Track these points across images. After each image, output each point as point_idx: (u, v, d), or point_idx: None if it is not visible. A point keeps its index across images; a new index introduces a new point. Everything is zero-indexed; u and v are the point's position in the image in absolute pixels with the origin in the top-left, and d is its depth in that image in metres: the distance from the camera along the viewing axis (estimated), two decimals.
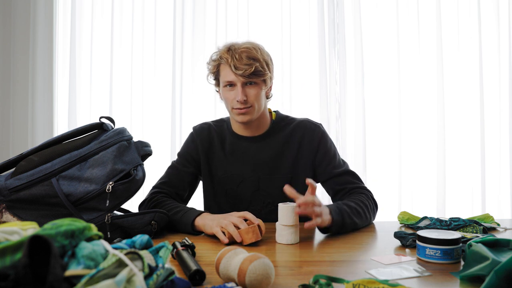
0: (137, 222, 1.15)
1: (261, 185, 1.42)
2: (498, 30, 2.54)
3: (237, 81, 1.32)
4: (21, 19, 2.51)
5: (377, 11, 2.55)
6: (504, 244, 0.91)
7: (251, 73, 1.30)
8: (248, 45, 1.34)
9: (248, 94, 1.32)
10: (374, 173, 2.53)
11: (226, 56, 1.32)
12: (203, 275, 0.82)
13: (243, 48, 1.32)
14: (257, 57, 1.32)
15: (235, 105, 1.33)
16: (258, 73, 1.32)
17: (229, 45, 1.36)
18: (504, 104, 2.53)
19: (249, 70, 1.29)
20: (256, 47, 1.36)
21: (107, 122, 1.22)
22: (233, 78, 1.32)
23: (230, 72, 1.32)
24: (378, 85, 2.55)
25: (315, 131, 1.44)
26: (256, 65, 1.30)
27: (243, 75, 1.30)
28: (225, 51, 1.34)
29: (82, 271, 0.57)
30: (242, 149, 1.43)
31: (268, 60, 1.38)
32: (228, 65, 1.31)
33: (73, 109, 2.54)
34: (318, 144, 1.42)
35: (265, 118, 1.44)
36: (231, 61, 1.30)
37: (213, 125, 1.49)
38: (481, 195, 2.51)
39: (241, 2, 2.56)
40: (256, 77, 1.32)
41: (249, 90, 1.33)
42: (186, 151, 1.48)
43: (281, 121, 1.46)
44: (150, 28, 2.57)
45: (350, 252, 1.07)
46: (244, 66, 1.29)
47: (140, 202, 1.41)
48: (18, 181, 1.07)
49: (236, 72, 1.30)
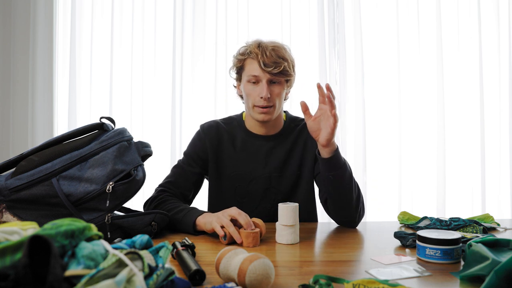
0: (137, 223, 1.15)
1: (272, 184, 1.42)
2: (498, 30, 2.54)
3: (263, 77, 1.32)
4: (21, 19, 2.51)
5: (377, 11, 2.56)
6: (504, 244, 0.91)
7: (279, 72, 1.31)
8: (277, 44, 1.36)
9: (272, 92, 1.34)
10: (374, 173, 2.53)
11: (256, 51, 1.32)
12: (203, 275, 0.82)
13: (272, 45, 1.34)
14: (285, 56, 1.34)
15: (258, 102, 1.34)
16: (285, 73, 1.33)
17: (259, 41, 1.37)
18: (504, 104, 2.53)
19: (277, 68, 1.31)
20: (284, 47, 1.38)
21: (107, 123, 1.22)
22: (259, 74, 1.32)
23: (257, 68, 1.32)
24: (378, 85, 2.55)
25: None
26: (285, 64, 1.32)
27: (271, 72, 1.31)
28: (255, 46, 1.34)
29: (82, 271, 0.57)
30: (255, 147, 1.44)
31: (294, 62, 1.40)
32: (257, 60, 1.32)
33: (73, 109, 2.54)
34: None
35: (280, 118, 1.46)
36: (260, 57, 1.31)
37: (221, 123, 1.49)
38: (481, 195, 2.51)
39: (241, 2, 2.56)
40: (283, 76, 1.34)
41: (273, 88, 1.34)
42: (192, 150, 1.47)
43: (292, 122, 1.49)
44: (150, 28, 2.57)
45: (350, 252, 1.07)
46: (273, 63, 1.30)
47: (140, 201, 1.41)
48: (18, 181, 1.07)
49: (265, 68, 1.31)
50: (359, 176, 2.49)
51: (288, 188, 1.43)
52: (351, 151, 2.51)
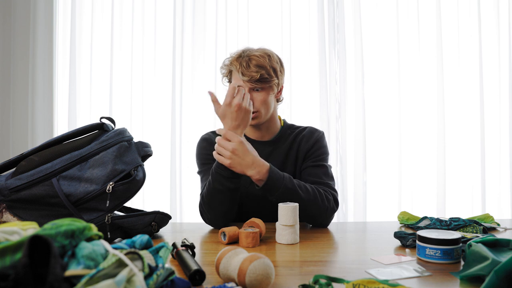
0: (138, 223, 1.15)
1: None
2: (498, 30, 2.54)
3: (245, 86, 1.39)
4: (21, 19, 2.51)
5: (377, 11, 2.56)
6: (504, 244, 0.91)
7: (256, 80, 1.37)
8: (258, 53, 1.42)
9: (255, 99, 1.40)
10: (374, 173, 2.53)
11: (235, 63, 1.40)
12: (203, 275, 0.82)
13: (252, 55, 1.40)
14: (264, 64, 1.39)
15: None
16: (264, 80, 1.39)
17: (240, 52, 1.43)
18: (504, 104, 2.53)
19: (255, 77, 1.37)
20: (266, 54, 1.43)
21: (107, 123, 1.22)
22: (241, 83, 1.40)
23: (238, 78, 1.40)
24: (378, 85, 2.55)
25: (314, 133, 1.50)
26: (262, 72, 1.38)
27: (250, 81, 1.38)
28: (235, 58, 1.42)
29: (82, 271, 0.57)
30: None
31: (277, 67, 1.44)
32: (237, 71, 1.39)
33: (73, 109, 2.54)
34: (314, 143, 1.47)
35: (274, 123, 1.51)
36: (239, 68, 1.39)
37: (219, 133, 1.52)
38: (481, 195, 2.51)
39: (241, 2, 2.56)
40: (262, 84, 1.39)
41: (256, 95, 1.40)
42: (202, 156, 1.49)
43: (288, 128, 1.54)
44: (150, 28, 2.57)
45: (350, 252, 1.07)
46: (251, 74, 1.37)
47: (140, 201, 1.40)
48: (18, 181, 1.08)
49: (243, 78, 1.38)
50: (359, 176, 2.49)
51: None
52: (351, 151, 2.52)
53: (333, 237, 1.22)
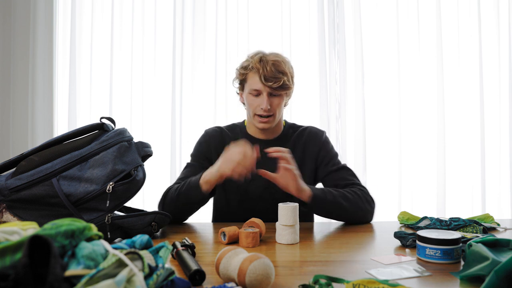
0: (138, 223, 1.15)
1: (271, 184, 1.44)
2: (498, 30, 2.54)
3: (264, 90, 1.41)
4: (21, 19, 2.51)
5: (377, 11, 2.56)
6: (504, 244, 0.91)
7: (278, 86, 1.39)
8: (277, 58, 1.44)
9: (272, 103, 1.43)
10: (374, 173, 2.53)
11: (258, 66, 1.41)
12: (203, 275, 0.82)
13: (273, 60, 1.42)
14: (285, 70, 1.42)
15: (258, 111, 1.43)
16: (285, 86, 1.42)
17: (260, 55, 1.44)
18: (504, 103, 2.53)
19: (277, 83, 1.39)
20: (284, 60, 1.45)
21: (107, 123, 1.22)
22: (260, 87, 1.41)
23: (258, 82, 1.41)
24: (378, 85, 2.55)
25: (318, 135, 1.54)
26: (284, 78, 1.40)
27: (272, 86, 1.39)
28: (257, 61, 1.42)
29: (82, 271, 0.57)
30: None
31: (293, 73, 1.48)
32: (258, 75, 1.40)
33: (73, 109, 2.54)
34: (320, 146, 1.52)
35: (279, 124, 1.55)
36: (262, 71, 1.39)
37: (225, 129, 1.57)
38: (481, 195, 2.51)
39: (241, 2, 2.56)
40: (282, 90, 1.42)
41: (273, 100, 1.43)
42: (198, 150, 1.54)
43: (290, 128, 1.58)
44: (150, 28, 2.57)
45: (350, 252, 1.07)
46: (273, 79, 1.39)
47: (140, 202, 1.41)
48: (18, 181, 1.08)
49: (265, 83, 1.39)
50: (359, 176, 2.49)
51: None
52: (351, 151, 2.52)
53: (333, 237, 1.22)
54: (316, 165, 1.51)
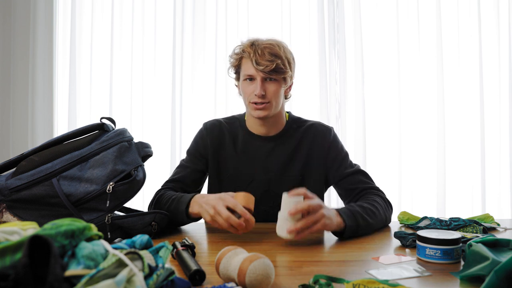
0: (138, 223, 1.15)
1: (271, 186, 1.41)
2: (498, 30, 2.54)
3: (257, 75, 1.32)
4: (21, 19, 2.51)
5: (377, 11, 2.56)
6: (504, 244, 0.91)
7: (271, 70, 1.30)
8: (271, 42, 1.35)
9: (267, 89, 1.33)
10: (374, 173, 2.50)
11: (249, 51, 1.32)
12: (203, 275, 0.82)
13: (266, 44, 1.33)
14: (279, 54, 1.32)
15: (253, 99, 1.34)
16: (279, 70, 1.32)
17: (252, 40, 1.36)
18: (504, 103, 2.53)
19: (270, 66, 1.29)
20: (279, 44, 1.36)
21: (108, 123, 1.22)
22: (253, 72, 1.32)
23: (251, 66, 1.32)
24: (378, 85, 2.55)
25: (326, 134, 1.44)
26: (278, 62, 1.30)
27: (264, 70, 1.30)
28: (248, 45, 1.34)
29: (82, 271, 0.57)
30: (254, 148, 1.43)
31: (290, 59, 1.38)
32: (250, 59, 1.31)
33: (73, 109, 2.54)
34: (329, 146, 1.43)
35: (281, 118, 1.44)
36: (253, 55, 1.30)
37: (224, 122, 1.48)
38: (481, 195, 2.51)
39: (241, 2, 2.56)
40: (276, 74, 1.32)
41: (269, 85, 1.33)
42: (194, 148, 1.47)
43: (294, 123, 1.47)
44: (150, 28, 2.57)
45: (350, 252, 1.07)
46: (266, 62, 1.29)
47: (140, 202, 1.41)
48: (18, 181, 1.08)
49: (257, 67, 1.30)
50: None
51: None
52: (351, 151, 2.50)
53: (333, 237, 1.22)
54: (326, 168, 1.42)
